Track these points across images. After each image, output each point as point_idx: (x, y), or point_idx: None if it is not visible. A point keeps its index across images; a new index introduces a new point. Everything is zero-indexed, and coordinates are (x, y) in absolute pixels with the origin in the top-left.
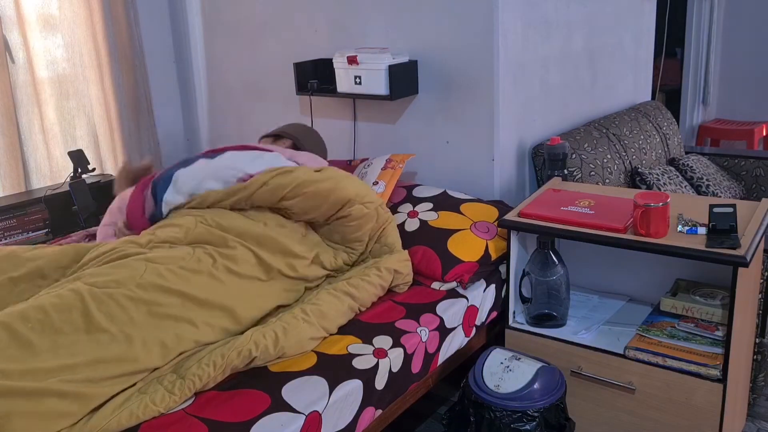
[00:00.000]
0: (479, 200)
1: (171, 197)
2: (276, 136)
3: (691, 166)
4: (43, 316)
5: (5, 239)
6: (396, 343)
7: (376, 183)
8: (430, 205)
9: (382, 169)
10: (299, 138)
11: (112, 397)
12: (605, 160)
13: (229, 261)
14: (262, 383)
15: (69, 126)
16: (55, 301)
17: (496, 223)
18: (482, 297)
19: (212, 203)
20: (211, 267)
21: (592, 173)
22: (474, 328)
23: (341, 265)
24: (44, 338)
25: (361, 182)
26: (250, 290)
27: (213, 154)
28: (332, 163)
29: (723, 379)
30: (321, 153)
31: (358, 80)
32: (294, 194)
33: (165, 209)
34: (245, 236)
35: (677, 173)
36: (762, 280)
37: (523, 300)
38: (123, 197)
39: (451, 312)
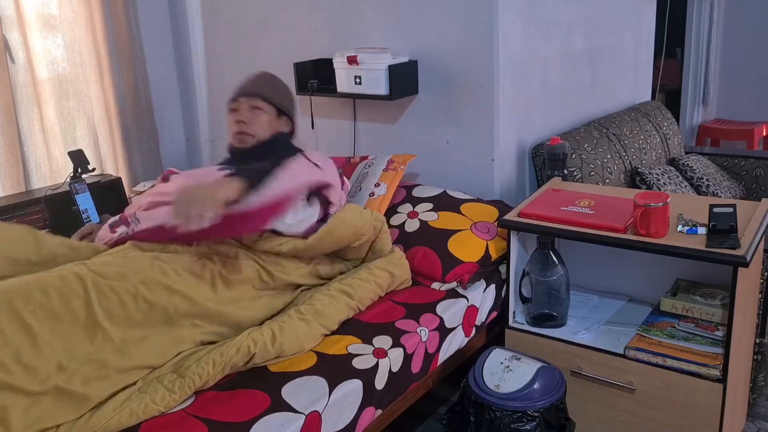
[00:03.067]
0: (479, 200)
1: None
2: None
3: (691, 166)
4: (45, 300)
5: None
6: (396, 343)
7: (377, 185)
8: (430, 206)
9: (383, 171)
10: (282, 104)
11: (113, 396)
12: (605, 160)
13: (233, 269)
14: (262, 383)
15: (69, 126)
16: (57, 284)
17: (496, 223)
18: (482, 297)
19: None
20: (215, 275)
21: (592, 173)
22: (474, 328)
23: (337, 273)
24: (43, 325)
25: (352, 215)
26: (250, 301)
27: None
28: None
29: (723, 379)
30: (289, 99)
31: (358, 80)
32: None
33: None
34: (248, 248)
35: (677, 173)
36: (762, 280)
37: (523, 300)
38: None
39: (451, 312)
